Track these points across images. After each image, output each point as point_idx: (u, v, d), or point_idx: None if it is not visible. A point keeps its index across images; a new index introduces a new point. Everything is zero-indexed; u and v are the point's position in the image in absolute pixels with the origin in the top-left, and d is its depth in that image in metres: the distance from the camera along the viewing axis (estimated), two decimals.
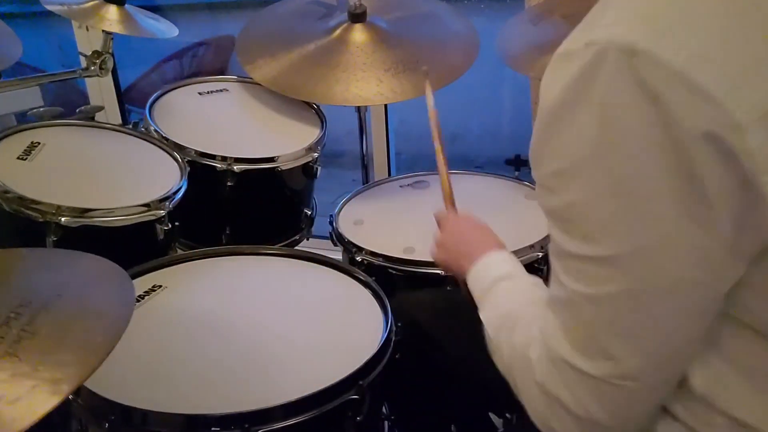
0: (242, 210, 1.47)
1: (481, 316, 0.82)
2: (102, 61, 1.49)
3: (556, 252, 0.63)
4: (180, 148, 1.40)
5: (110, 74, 1.62)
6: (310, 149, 1.49)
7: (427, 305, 1.15)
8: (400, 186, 1.56)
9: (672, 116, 0.52)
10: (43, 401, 0.54)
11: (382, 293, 1.10)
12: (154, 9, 1.63)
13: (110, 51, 1.51)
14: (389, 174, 2.19)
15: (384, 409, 1.08)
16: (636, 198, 0.55)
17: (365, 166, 1.76)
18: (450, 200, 1.10)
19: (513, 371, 0.71)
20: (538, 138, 0.62)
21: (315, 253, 1.23)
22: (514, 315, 0.77)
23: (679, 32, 0.53)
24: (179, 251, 1.33)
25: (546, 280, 1.28)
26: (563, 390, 0.63)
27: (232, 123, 1.57)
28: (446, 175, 1.11)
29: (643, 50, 0.52)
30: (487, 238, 0.96)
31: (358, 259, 1.27)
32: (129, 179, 1.32)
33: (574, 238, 0.60)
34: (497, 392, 0.77)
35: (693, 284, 0.56)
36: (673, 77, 0.51)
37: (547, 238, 1.27)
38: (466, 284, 0.92)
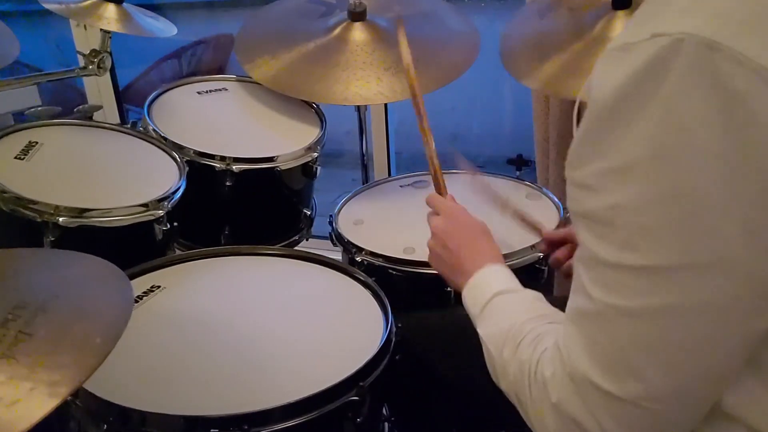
0: (241, 210, 1.47)
1: (480, 333, 0.79)
2: (100, 60, 1.49)
3: (585, 259, 0.58)
4: (179, 147, 1.40)
5: (108, 73, 1.62)
6: (310, 149, 1.49)
7: (428, 307, 1.15)
8: (401, 186, 1.56)
9: (753, 118, 0.47)
10: (41, 404, 0.54)
11: (382, 294, 1.09)
12: (153, 7, 1.63)
13: (108, 50, 1.51)
14: (389, 174, 2.19)
15: (384, 411, 1.08)
16: (695, 208, 0.50)
17: (365, 165, 1.76)
18: (442, 185, 1.04)
19: (521, 391, 0.67)
20: (586, 134, 0.56)
21: (314, 254, 1.23)
22: (517, 329, 0.73)
23: (762, 27, 0.48)
24: (178, 251, 1.33)
25: (547, 282, 1.28)
26: (583, 411, 0.59)
27: (231, 122, 1.57)
28: (434, 155, 1.04)
29: (726, 45, 0.47)
30: (480, 246, 0.91)
31: (358, 259, 1.26)
32: (127, 179, 1.32)
33: (612, 245, 0.55)
34: (500, 395, 0.76)
35: (742, 308, 0.52)
36: (758, 75, 0.47)
37: None
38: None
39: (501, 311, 0.80)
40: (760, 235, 0.50)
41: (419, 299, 1.24)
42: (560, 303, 0.67)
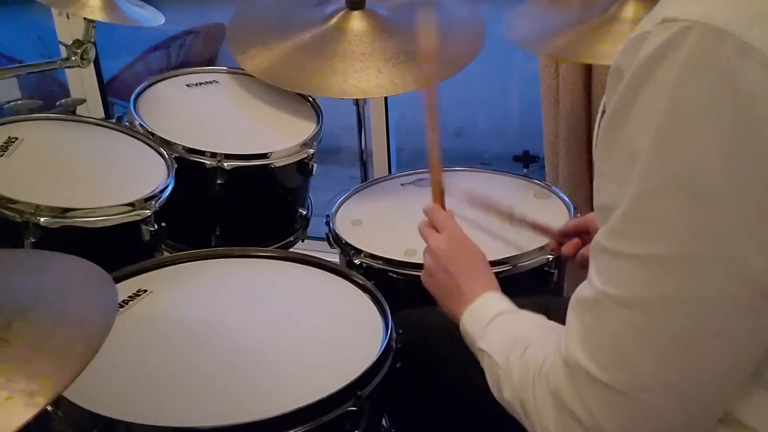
0: (233, 209, 1.47)
1: (483, 347, 0.81)
2: (83, 50, 1.50)
3: (592, 249, 0.62)
4: (167, 143, 1.40)
5: (92, 65, 1.62)
6: (306, 145, 1.49)
7: (430, 312, 1.15)
8: (401, 184, 1.56)
9: (756, 112, 0.49)
10: (18, 414, 0.54)
11: (381, 298, 1.10)
12: None
13: (92, 40, 1.51)
14: (389, 171, 2.19)
15: (384, 422, 1.08)
16: (694, 199, 0.53)
17: (364, 162, 1.76)
18: (440, 197, 1.05)
19: (525, 392, 0.69)
20: (607, 123, 0.59)
21: (310, 256, 1.23)
22: (525, 337, 0.75)
23: None
24: (166, 253, 1.33)
25: (557, 285, 1.29)
26: (576, 399, 0.62)
27: (222, 117, 1.57)
28: (437, 167, 1.06)
29: (734, 35, 0.49)
30: (479, 273, 0.93)
31: (357, 261, 1.27)
32: (112, 177, 1.32)
33: (613, 232, 0.58)
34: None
35: (739, 306, 0.54)
36: (764, 68, 0.49)
37: None
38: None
39: (506, 326, 0.82)
40: (760, 231, 0.52)
41: (421, 304, 1.24)
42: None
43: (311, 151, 1.49)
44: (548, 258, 1.24)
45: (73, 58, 1.50)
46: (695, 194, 0.52)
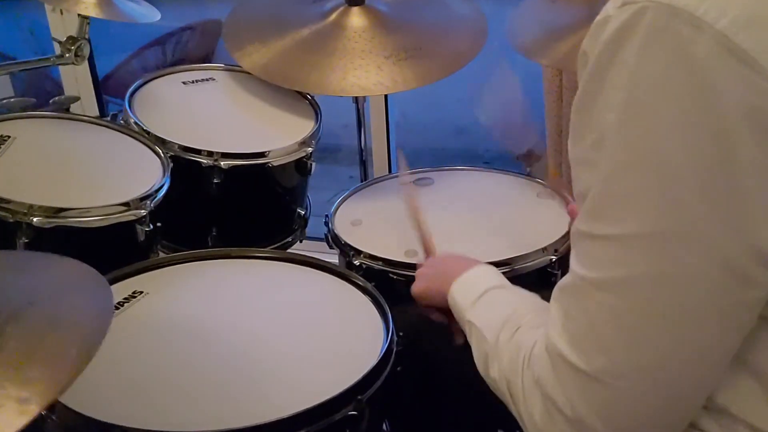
0: (230, 209, 1.47)
1: (471, 319, 0.82)
2: (78, 47, 1.49)
3: (572, 235, 0.63)
4: (162, 142, 1.39)
5: (86, 62, 1.62)
6: (304, 143, 1.49)
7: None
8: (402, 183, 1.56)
9: (712, 86, 0.51)
10: (9, 422, 0.53)
11: (382, 300, 1.10)
12: None
13: (86, 37, 1.50)
14: (390, 170, 2.19)
15: (384, 426, 1.08)
16: (657, 176, 0.54)
17: (364, 161, 1.76)
18: (432, 251, 1.13)
19: (513, 375, 0.70)
20: (573, 113, 0.61)
21: (309, 257, 1.23)
22: (516, 316, 0.76)
23: None
24: (162, 254, 1.33)
25: None
26: (557, 387, 0.62)
27: (219, 115, 1.57)
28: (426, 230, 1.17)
29: (686, 11, 0.51)
30: (471, 260, 0.96)
31: (356, 262, 1.26)
32: (107, 176, 1.32)
33: (585, 215, 0.60)
34: (506, 407, 0.77)
35: (708, 284, 0.55)
36: (717, 42, 0.50)
37: (560, 241, 1.27)
38: (447, 314, 0.93)
39: (498, 302, 0.83)
40: (722, 207, 0.53)
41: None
42: None
43: (309, 149, 1.49)
44: (551, 259, 1.24)
45: (66, 55, 1.49)
46: (659, 171, 0.54)
